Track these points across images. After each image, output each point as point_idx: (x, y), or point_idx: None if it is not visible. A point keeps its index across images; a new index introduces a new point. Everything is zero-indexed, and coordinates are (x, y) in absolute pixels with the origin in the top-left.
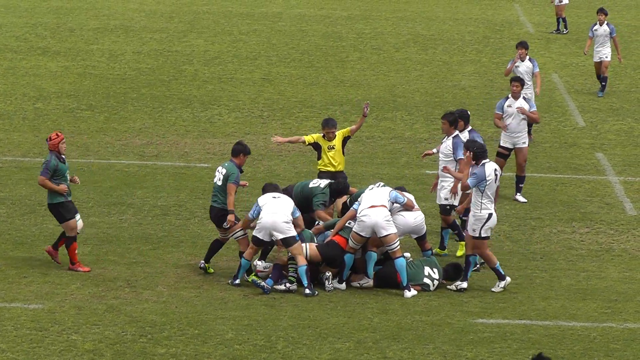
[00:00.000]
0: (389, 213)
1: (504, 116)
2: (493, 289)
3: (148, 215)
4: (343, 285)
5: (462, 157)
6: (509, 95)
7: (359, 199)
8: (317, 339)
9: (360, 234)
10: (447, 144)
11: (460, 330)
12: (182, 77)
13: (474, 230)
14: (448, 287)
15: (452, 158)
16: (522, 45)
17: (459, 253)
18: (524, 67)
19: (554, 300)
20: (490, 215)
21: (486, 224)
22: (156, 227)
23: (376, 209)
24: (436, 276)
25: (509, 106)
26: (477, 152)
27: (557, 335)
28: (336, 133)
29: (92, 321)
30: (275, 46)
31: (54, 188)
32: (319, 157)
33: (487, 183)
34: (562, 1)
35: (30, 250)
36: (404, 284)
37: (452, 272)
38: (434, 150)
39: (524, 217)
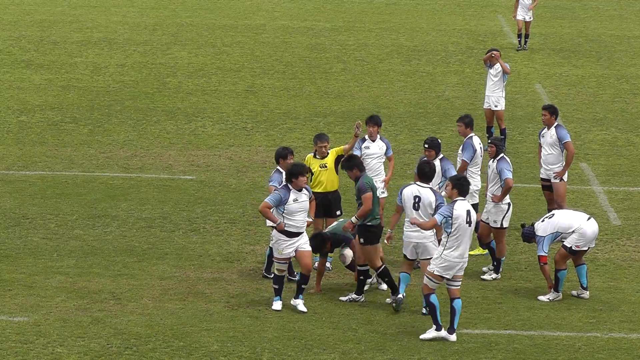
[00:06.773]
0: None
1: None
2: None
3: (133, 228)
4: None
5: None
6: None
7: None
8: (302, 350)
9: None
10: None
11: (445, 340)
12: (166, 90)
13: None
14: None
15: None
16: (373, 120)
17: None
18: (375, 148)
19: (539, 310)
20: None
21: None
22: (141, 240)
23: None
24: None
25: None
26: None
27: (542, 345)
28: (329, 151)
29: (77, 334)
30: (258, 58)
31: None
32: (311, 179)
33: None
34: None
35: (15, 263)
36: (454, 327)
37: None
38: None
39: (508, 227)
